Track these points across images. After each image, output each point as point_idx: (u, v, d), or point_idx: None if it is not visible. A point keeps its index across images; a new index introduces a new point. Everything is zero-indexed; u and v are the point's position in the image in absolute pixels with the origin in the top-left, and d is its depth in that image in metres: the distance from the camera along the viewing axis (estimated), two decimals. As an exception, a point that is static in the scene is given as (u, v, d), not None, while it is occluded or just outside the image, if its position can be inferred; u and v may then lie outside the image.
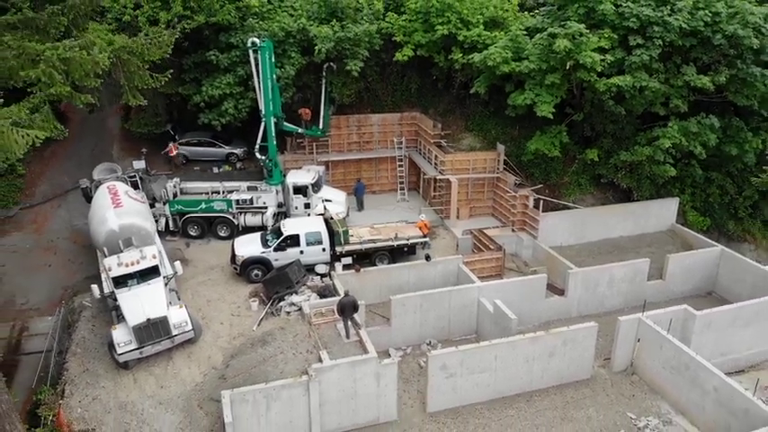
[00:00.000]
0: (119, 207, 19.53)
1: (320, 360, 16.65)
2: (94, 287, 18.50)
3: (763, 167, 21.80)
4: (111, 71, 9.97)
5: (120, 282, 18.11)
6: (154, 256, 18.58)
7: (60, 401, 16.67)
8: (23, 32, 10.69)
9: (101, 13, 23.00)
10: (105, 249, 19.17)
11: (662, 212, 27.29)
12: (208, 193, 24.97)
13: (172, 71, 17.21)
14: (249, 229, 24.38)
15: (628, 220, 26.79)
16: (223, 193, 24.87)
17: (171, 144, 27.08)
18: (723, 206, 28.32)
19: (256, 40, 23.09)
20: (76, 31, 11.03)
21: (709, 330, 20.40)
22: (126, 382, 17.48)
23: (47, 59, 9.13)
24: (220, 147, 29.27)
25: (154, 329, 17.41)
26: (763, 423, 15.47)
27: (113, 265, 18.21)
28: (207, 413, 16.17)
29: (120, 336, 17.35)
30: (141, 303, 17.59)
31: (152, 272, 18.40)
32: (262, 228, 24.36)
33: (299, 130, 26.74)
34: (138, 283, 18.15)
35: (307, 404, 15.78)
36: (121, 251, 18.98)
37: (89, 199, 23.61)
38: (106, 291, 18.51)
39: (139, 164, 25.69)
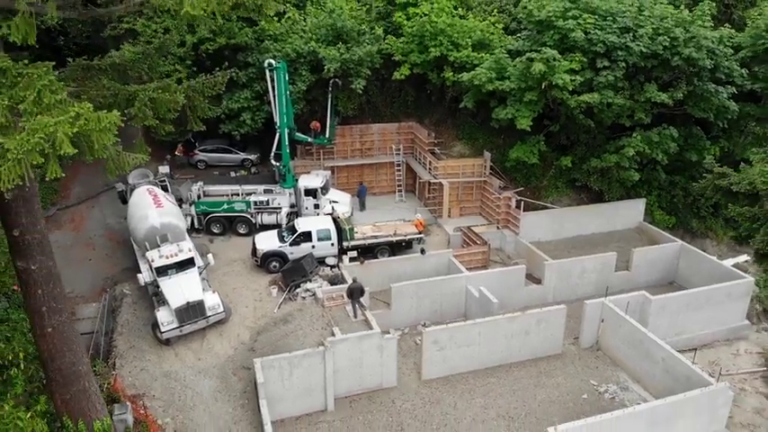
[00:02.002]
0: (160, 207, 22.62)
1: (333, 334, 19.92)
2: (140, 276, 21.57)
3: (704, 174, 24.81)
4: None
5: (162, 271, 21.17)
6: (189, 250, 21.73)
7: (113, 372, 19.84)
8: (111, 75, 13.93)
9: (134, 36, 26.02)
10: (147, 244, 22.26)
11: (630, 212, 30.48)
12: (228, 196, 27.95)
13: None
14: (265, 227, 27.08)
15: (599, 218, 29.91)
16: (242, 195, 27.82)
17: (179, 146, 30.34)
18: (687, 206, 31.28)
19: (272, 61, 26.08)
20: (152, 72, 14.23)
21: (664, 313, 23.62)
22: (168, 356, 20.61)
23: (140, 99, 12.30)
24: (236, 153, 32.33)
25: (192, 311, 20.51)
26: (699, 386, 18.82)
27: (156, 257, 21.32)
28: (240, 379, 19.38)
29: (164, 316, 20.46)
30: (181, 289, 20.65)
31: (188, 263, 21.48)
32: (276, 226, 27.05)
33: (309, 140, 29.78)
34: (177, 273, 21.18)
35: (322, 370, 18.87)
36: (159, 246, 22.15)
37: (124, 201, 26.66)
38: (149, 279, 21.66)
39: (164, 169, 28.48)
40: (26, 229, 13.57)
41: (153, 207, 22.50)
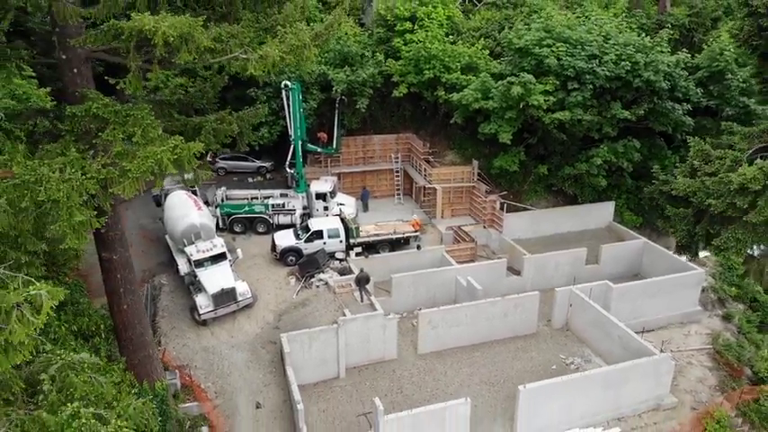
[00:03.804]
0: (199, 210, 26.59)
1: (344, 315, 23.93)
2: (180, 267, 25.59)
3: (653, 181, 28.56)
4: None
5: (199, 264, 25.10)
6: (222, 246, 25.72)
7: (161, 347, 23.74)
8: (178, 108, 17.91)
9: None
10: (184, 240, 26.16)
11: (601, 213, 34.46)
12: (249, 199, 31.87)
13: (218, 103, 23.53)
14: (281, 227, 30.73)
15: (573, 219, 33.83)
16: (261, 198, 31.76)
17: (209, 154, 34.07)
18: (652, 208, 35.10)
19: (288, 83, 30.05)
20: (208, 104, 18.16)
21: (625, 299, 27.53)
22: (205, 334, 24.56)
23: (206, 129, 16.21)
24: (252, 161, 36.30)
25: (225, 296, 24.45)
26: (646, 355, 22.86)
27: (194, 252, 25.26)
28: (267, 351, 23.36)
29: (202, 301, 24.40)
30: (216, 278, 24.62)
31: (221, 257, 25.41)
32: (291, 225, 30.74)
33: (319, 150, 33.77)
34: (212, 265, 25.16)
35: (336, 344, 22.79)
36: (193, 243, 26.09)
37: (158, 204, 30.61)
38: (187, 270, 25.62)
39: (189, 175, 32.41)
40: (110, 228, 17.50)
41: (193, 209, 26.45)
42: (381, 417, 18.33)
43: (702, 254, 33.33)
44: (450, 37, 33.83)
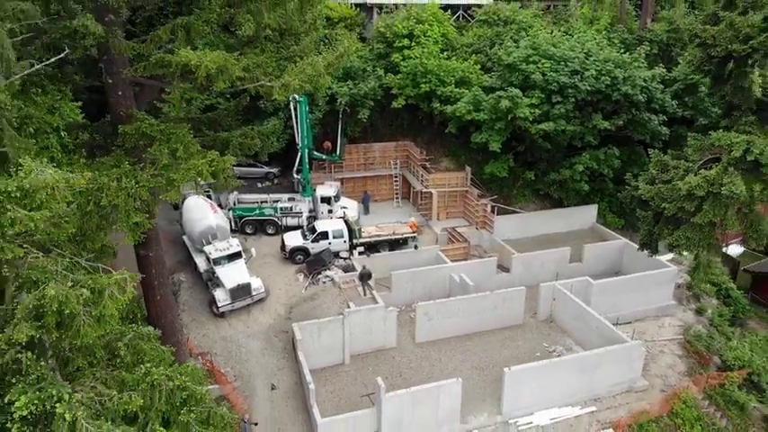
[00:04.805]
0: (215, 213, 29.22)
1: (349, 307, 26.54)
2: (199, 263, 28.19)
3: (626, 186, 31.26)
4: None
5: (217, 261, 27.65)
6: (237, 245, 28.32)
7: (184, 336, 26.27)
8: (207, 125, 20.55)
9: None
10: (202, 240, 28.72)
11: (585, 215, 37.16)
12: (259, 202, 34.44)
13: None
14: (289, 228, 33.19)
15: (559, 220, 36.46)
16: (270, 202, 34.35)
17: None
18: (633, 210, 38.05)
19: (296, 96, 32.64)
20: (233, 122, 20.79)
21: (604, 294, 30.02)
22: (223, 325, 27.10)
23: (233, 144, 18.82)
24: (261, 167, 38.86)
25: (241, 291, 26.99)
26: (619, 343, 25.51)
27: (212, 251, 27.82)
28: (280, 340, 25.94)
29: (220, 295, 26.93)
30: (233, 274, 27.20)
31: (237, 255, 27.98)
32: (298, 227, 33.25)
33: (324, 157, 36.38)
34: (228, 262, 27.75)
35: (342, 333, 25.28)
36: (210, 243, 28.67)
37: (176, 207, 33.12)
38: (206, 267, 28.20)
39: (201, 180, 35.01)
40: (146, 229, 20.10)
41: (210, 212, 29.06)
42: (383, 394, 20.93)
43: (668, 255, 35.93)
44: (445, 53, 36.52)
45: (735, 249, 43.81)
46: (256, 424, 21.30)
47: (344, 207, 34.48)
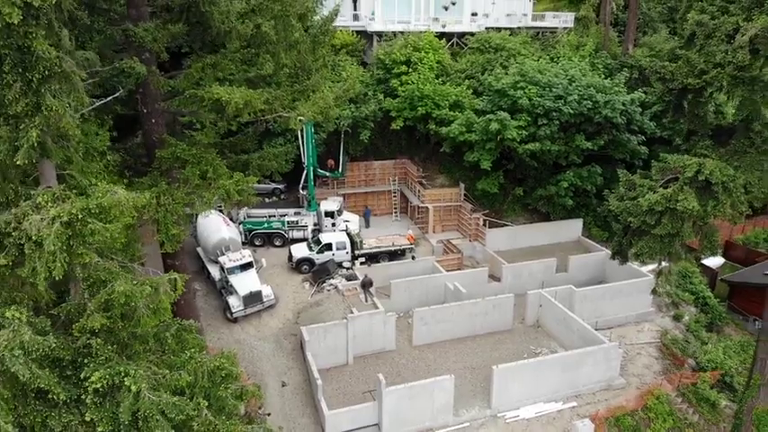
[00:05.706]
0: (228, 226, 31.82)
1: (351, 312, 29.03)
2: (213, 273, 30.68)
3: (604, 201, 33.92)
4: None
5: (231, 271, 30.12)
6: (249, 256, 30.84)
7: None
8: (229, 149, 23.22)
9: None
10: (217, 251, 31.25)
11: (571, 228, 39.77)
12: (267, 217, 37.01)
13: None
14: (296, 240, 35.74)
15: (547, 233, 39.02)
16: (278, 216, 36.91)
17: None
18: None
19: (302, 118, 35.37)
20: (251, 145, 23.42)
21: (587, 301, 32.61)
22: (236, 330, 29.50)
23: (253, 166, 21.47)
24: (267, 183, 41.47)
25: (253, 298, 29.42)
26: (598, 343, 28.00)
27: (226, 261, 30.30)
28: (289, 342, 28.36)
29: (234, 301, 29.37)
30: (245, 283, 29.67)
31: (249, 265, 30.50)
32: (304, 239, 35.77)
33: (327, 174, 39.06)
34: (241, 272, 30.25)
35: (345, 336, 27.74)
36: (224, 254, 31.18)
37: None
38: (220, 276, 30.68)
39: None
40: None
41: (223, 225, 31.65)
42: (384, 388, 23.36)
43: (649, 266, 38.24)
44: (440, 78, 39.39)
45: (715, 261, 46.29)
46: (269, 414, 23.67)
47: (347, 221, 36.98)
